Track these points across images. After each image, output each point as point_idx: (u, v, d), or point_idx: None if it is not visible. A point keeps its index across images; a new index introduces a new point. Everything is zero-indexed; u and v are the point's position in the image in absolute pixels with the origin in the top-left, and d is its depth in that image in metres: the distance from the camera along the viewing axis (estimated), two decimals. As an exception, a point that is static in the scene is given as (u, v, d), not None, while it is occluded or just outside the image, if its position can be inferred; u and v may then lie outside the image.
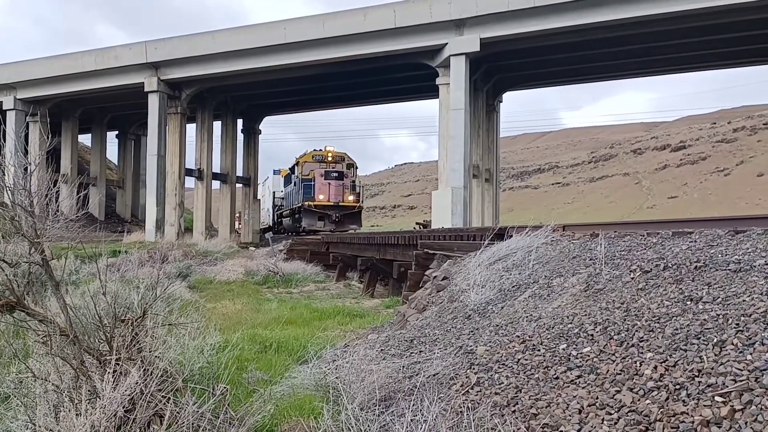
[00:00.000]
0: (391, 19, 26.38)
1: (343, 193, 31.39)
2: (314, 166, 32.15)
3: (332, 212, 30.71)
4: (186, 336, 5.41)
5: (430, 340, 5.53)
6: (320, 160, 32.51)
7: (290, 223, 36.47)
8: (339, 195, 31.15)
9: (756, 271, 4.03)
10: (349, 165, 33.24)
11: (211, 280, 16.81)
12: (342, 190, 31.36)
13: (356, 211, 31.85)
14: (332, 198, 30.97)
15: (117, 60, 33.22)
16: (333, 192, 31.02)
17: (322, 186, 30.91)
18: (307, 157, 33.00)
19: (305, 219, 30.92)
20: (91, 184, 43.53)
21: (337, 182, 31.34)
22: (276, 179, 43.57)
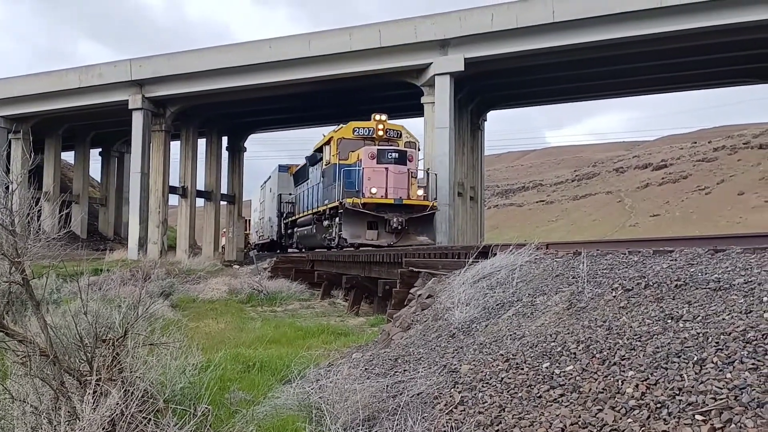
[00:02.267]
0: (376, 39, 26.59)
1: (409, 184, 19.15)
2: (356, 144, 19.95)
3: (393, 215, 18.47)
4: (168, 356, 5.36)
5: (415, 359, 5.52)
6: (366, 135, 20.22)
7: (311, 235, 23.42)
8: (403, 188, 18.99)
9: (735, 289, 4.08)
10: (410, 143, 20.78)
11: (194, 298, 16.67)
12: (407, 181, 19.11)
13: (428, 213, 19.21)
14: (392, 192, 18.73)
15: (101, 78, 33.09)
16: (393, 183, 18.77)
17: (375, 174, 18.64)
18: (344, 131, 20.57)
19: (347, 227, 18.43)
20: (73, 201, 43.14)
21: (398, 168, 18.94)
22: (282, 178, 32.61)
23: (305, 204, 24.90)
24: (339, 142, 20.12)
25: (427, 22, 25.91)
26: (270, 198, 35.76)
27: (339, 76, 28.17)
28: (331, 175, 20.15)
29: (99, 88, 33.29)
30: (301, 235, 26.12)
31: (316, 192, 22.72)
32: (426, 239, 18.69)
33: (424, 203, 19.15)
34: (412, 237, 18.58)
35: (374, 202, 18.32)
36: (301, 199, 26.22)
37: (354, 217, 18.25)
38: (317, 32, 28.97)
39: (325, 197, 20.85)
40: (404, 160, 19.12)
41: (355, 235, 18.35)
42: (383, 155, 18.77)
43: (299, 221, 26.26)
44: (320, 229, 21.50)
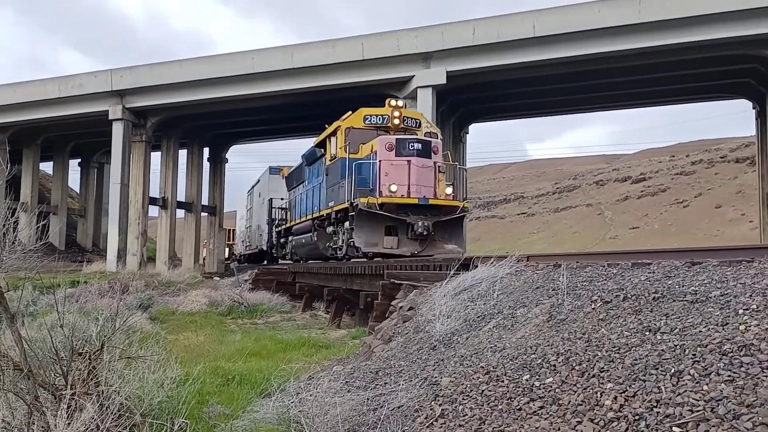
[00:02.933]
0: (359, 52, 26.73)
1: (436, 181, 15.66)
2: (368, 135, 16.38)
3: (417, 218, 14.96)
4: (146, 369, 5.29)
5: (396, 372, 5.50)
6: (379, 124, 16.69)
7: (310, 244, 19.66)
8: (428, 185, 15.44)
9: (711, 302, 4.13)
10: (430, 134, 16.89)
11: (173, 311, 16.47)
12: (433, 177, 15.61)
13: (458, 216, 15.71)
14: (415, 191, 15.22)
15: (81, 88, 32.86)
16: (416, 179, 15.25)
17: (394, 168, 15.17)
18: (353, 119, 16.96)
19: (361, 233, 14.98)
20: (51, 212, 42.59)
21: (421, 161, 15.36)
22: (273, 181, 29.65)
23: (302, 209, 21.17)
24: (347, 132, 16.41)
25: (409, 35, 26.13)
26: (259, 204, 32.68)
27: (322, 87, 28.27)
28: (337, 172, 16.46)
29: (79, 98, 33.05)
30: (297, 244, 22.03)
31: (316, 194, 19.03)
32: (455, 248, 14.95)
33: (454, 203, 15.53)
34: (438, 245, 15.12)
35: (394, 203, 14.73)
36: (297, 204, 22.44)
37: (369, 221, 14.68)
38: (300, 44, 29.11)
39: (330, 199, 17.19)
40: (429, 151, 15.39)
41: (371, 242, 14.77)
42: (403, 146, 15.10)
43: (295, 229, 22.44)
44: (322, 236, 18.04)
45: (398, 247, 14.86)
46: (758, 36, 22.01)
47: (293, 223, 22.83)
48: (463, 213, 15.70)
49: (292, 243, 23.14)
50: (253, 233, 35.21)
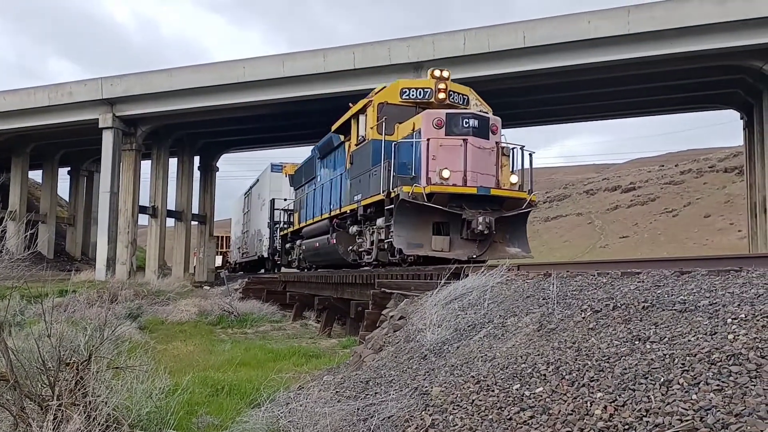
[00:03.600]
0: (351, 61, 26.79)
1: (498, 167, 12.83)
2: (405, 112, 13.45)
3: (475, 212, 11.95)
4: (134, 379, 5.25)
5: (386, 381, 5.48)
6: (419, 99, 13.68)
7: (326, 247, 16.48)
8: (489, 173, 12.55)
9: (700, 311, 4.15)
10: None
11: (162, 320, 16.37)
12: (495, 162, 12.73)
13: (524, 211, 12.91)
14: (472, 178, 12.21)
15: (71, 96, 32.69)
16: (473, 164, 12.25)
17: (445, 150, 12.20)
18: (387, 93, 13.87)
19: (402, 230, 11.95)
20: (40, 221, 42.26)
21: (479, 142, 12.41)
22: (275, 180, 27.27)
23: (314, 208, 18.28)
24: (380, 109, 13.32)
25: (401, 44, 26.21)
26: (258, 206, 29.90)
27: (313, 96, 28.27)
28: (367, 157, 13.45)
29: (69, 106, 32.87)
30: (308, 249, 18.82)
31: (335, 189, 16.12)
32: (520, 251, 12.44)
33: (520, 195, 12.49)
34: (501, 247, 12.28)
35: (447, 192, 11.57)
36: (307, 203, 19.44)
37: (412, 216, 11.67)
38: (291, 53, 29.10)
39: (356, 192, 14.18)
40: (486, 130, 12.28)
41: (415, 243, 11.72)
42: (456, 122, 12.03)
43: (305, 231, 19.26)
44: (343, 239, 15.09)
45: (451, 249, 11.81)
46: (743, 47, 22.27)
47: (302, 225, 19.69)
48: (530, 208, 12.75)
49: (302, 248, 20.04)
50: (250, 239, 32.50)
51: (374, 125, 13.32)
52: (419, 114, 12.67)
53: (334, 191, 16.37)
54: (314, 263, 19.41)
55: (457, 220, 11.83)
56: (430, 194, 11.51)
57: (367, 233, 13.99)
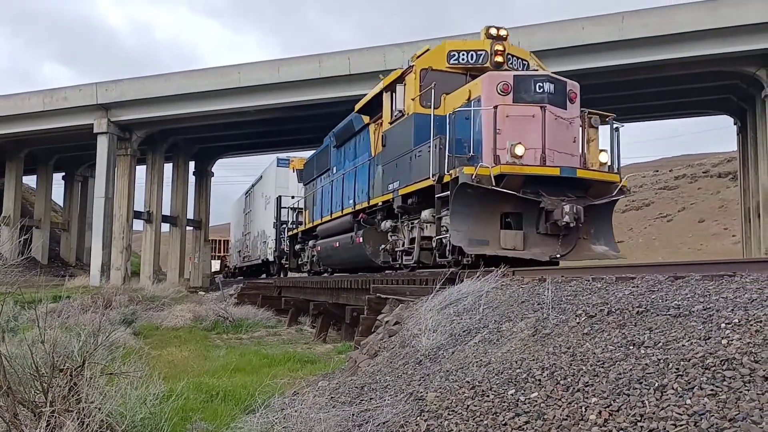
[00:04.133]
0: (346, 66, 26.84)
1: (583, 142, 10.54)
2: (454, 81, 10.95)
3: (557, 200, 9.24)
4: (128, 385, 5.23)
5: (381, 387, 5.47)
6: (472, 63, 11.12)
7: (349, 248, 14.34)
8: (571, 152, 9.96)
9: (694, 316, 4.16)
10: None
11: (157, 326, 16.32)
12: (579, 137, 10.38)
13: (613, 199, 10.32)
14: (550, 156, 9.40)
15: (66, 101, 32.66)
16: (553, 139, 9.47)
17: (515, 122, 9.43)
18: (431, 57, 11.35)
19: (462, 222, 9.21)
20: (34, 226, 42.12)
21: (558, 111, 9.68)
22: (281, 176, 25.04)
23: (331, 203, 15.88)
24: (424, 76, 10.97)
25: (396, 50, 26.26)
26: (261, 205, 27.63)
27: (308, 102, 28.30)
28: (408, 136, 11.13)
29: (63, 111, 32.83)
30: (325, 250, 16.60)
31: (360, 179, 13.90)
32: (608, 251, 10.12)
33: (611, 178, 10.12)
34: (585, 245, 9.87)
35: (521, 174, 9.11)
36: (322, 199, 17.10)
37: (475, 206, 9.20)
38: (286, 59, 29.16)
39: (390, 179, 11.87)
40: (564, 97, 9.91)
41: (478, 240, 9.20)
42: (527, 87, 9.62)
43: (320, 230, 16.95)
44: (371, 237, 12.92)
45: (526, 247, 9.36)
46: (736, 53, 22.42)
47: (316, 224, 17.36)
48: (622, 195, 10.30)
49: (316, 249, 17.61)
50: (253, 241, 30.16)
51: (417, 96, 10.91)
52: (477, 79, 10.14)
53: (359, 181, 13.97)
54: (332, 266, 16.89)
55: (533, 209, 9.37)
56: (501, 176, 8.97)
57: (405, 229, 11.72)
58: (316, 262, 18.20)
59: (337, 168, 16.23)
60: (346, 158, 15.51)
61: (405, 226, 11.75)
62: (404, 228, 11.79)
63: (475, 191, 9.07)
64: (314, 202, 18.35)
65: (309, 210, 19.14)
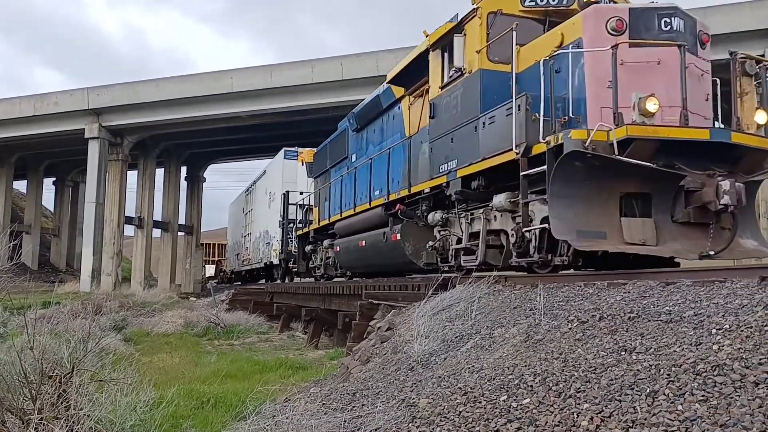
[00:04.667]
0: (339, 72, 26.87)
1: (734, 98, 7.48)
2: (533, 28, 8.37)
3: (705, 174, 6.63)
4: (118, 392, 5.19)
5: (373, 393, 5.46)
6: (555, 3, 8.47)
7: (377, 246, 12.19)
8: (701, 110, 7.25)
9: (685, 322, 4.18)
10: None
11: (148, 332, 16.22)
12: (707, 92, 7.54)
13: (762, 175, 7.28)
14: (694, 116, 6.86)
15: (57, 106, 32.54)
16: (691, 90, 6.85)
17: (635, 71, 6.79)
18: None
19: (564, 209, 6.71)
20: (24, 232, 41.86)
21: (689, 59, 6.88)
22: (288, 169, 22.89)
23: (355, 196, 13.65)
24: (492, 22, 8.61)
25: (388, 56, 26.30)
26: (265, 202, 25.39)
27: (301, 107, 28.32)
28: (471, 100, 8.79)
29: (54, 116, 32.72)
30: (346, 250, 14.31)
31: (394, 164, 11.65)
32: (760, 247, 7.59)
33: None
34: (739, 240, 7.34)
35: (657, 138, 6.62)
36: (341, 191, 14.82)
37: (585, 184, 6.84)
38: (279, 64, 29.21)
39: (442, 159, 9.58)
40: (695, 40, 7.56)
41: (592, 231, 6.86)
42: (649, 23, 7.26)
43: (339, 227, 14.69)
44: (412, 233, 10.83)
45: (660, 241, 6.91)
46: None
47: (334, 220, 15.04)
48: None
49: (334, 250, 15.29)
50: (254, 243, 27.73)
51: (483, 47, 8.50)
52: (575, 17, 7.72)
53: (392, 167, 11.62)
54: (355, 269, 14.60)
55: (666, 189, 6.88)
56: (627, 141, 6.50)
57: (463, 221, 9.41)
58: (332, 265, 15.96)
59: (357, 155, 13.99)
60: (369, 142, 13.29)
61: (462, 218, 9.38)
62: (461, 220, 9.43)
63: (586, 164, 6.64)
64: (329, 197, 15.89)
65: (321, 206, 16.78)
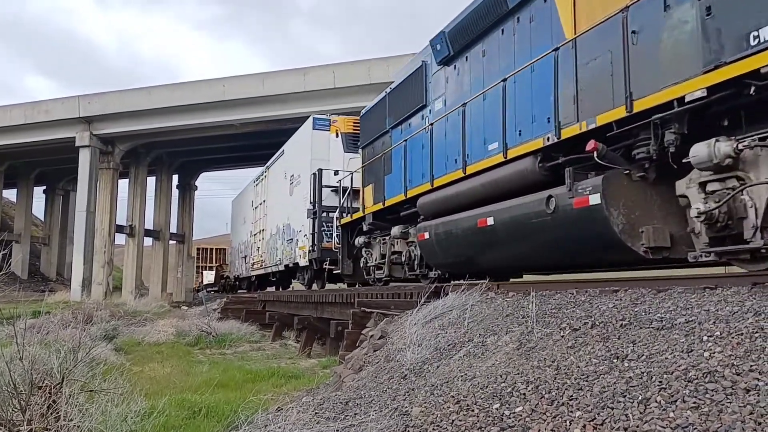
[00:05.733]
0: (331, 80, 26.92)
1: None
2: None
3: None
4: (109, 402, 5.14)
5: (366, 402, 5.44)
6: None
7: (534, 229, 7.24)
8: None
9: (677, 328, 4.19)
10: None
11: (139, 341, 16.11)
12: None
13: None
14: None
15: (48, 114, 32.42)
16: None
17: None
18: None
19: None
20: (14, 241, 41.56)
21: None
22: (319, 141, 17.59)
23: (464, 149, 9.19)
24: None
25: (380, 64, 26.41)
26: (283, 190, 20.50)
27: (294, 115, 28.31)
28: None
29: (45, 124, 32.59)
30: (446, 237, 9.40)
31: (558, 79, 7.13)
32: None
33: None
34: None
35: None
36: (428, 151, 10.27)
37: None
38: (271, 72, 29.22)
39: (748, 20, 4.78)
40: None
41: None
42: None
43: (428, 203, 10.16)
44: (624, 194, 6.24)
45: None
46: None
47: (416, 194, 10.49)
48: None
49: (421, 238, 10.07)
50: (268, 242, 22.85)
51: None
52: None
53: (541, 92, 7.44)
54: (464, 266, 9.52)
55: None
56: None
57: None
58: (405, 263, 11.55)
59: (448, 98, 9.96)
60: (486, 70, 8.94)
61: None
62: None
63: None
64: (392, 168, 11.85)
65: (380, 182, 12.46)
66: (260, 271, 24.71)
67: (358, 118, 15.07)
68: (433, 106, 10.55)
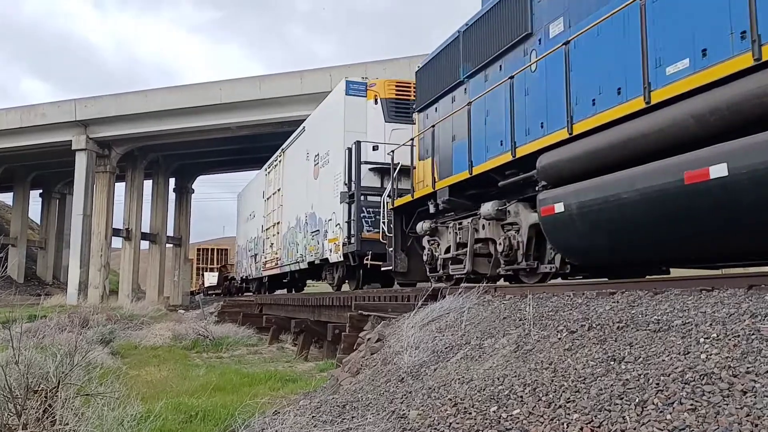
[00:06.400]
0: (328, 83, 26.90)
1: None
2: None
3: None
4: (105, 406, 5.13)
5: (363, 405, 5.43)
6: None
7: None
8: None
9: (674, 331, 4.19)
10: None
11: (136, 345, 16.08)
12: None
13: None
14: None
15: (44, 117, 32.37)
16: None
17: None
18: None
19: None
20: (10, 244, 41.47)
21: None
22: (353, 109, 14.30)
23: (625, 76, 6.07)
24: None
25: (377, 67, 26.42)
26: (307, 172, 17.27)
27: (291, 118, 28.31)
28: None
29: (41, 128, 32.54)
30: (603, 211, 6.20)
31: None
32: None
33: None
34: None
35: None
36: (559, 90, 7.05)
37: None
38: (268, 75, 29.23)
39: None
40: None
41: None
42: None
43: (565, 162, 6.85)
44: None
45: None
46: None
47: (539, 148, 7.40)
48: None
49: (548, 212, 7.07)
50: (286, 236, 19.69)
51: None
52: None
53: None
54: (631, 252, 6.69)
55: None
56: None
57: None
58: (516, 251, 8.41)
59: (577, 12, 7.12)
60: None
61: None
62: None
63: None
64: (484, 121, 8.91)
65: (448, 150, 9.98)
66: (275, 270, 21.04)
67: (401, 81, 13.63)
68: (546, 32, 7.74)
